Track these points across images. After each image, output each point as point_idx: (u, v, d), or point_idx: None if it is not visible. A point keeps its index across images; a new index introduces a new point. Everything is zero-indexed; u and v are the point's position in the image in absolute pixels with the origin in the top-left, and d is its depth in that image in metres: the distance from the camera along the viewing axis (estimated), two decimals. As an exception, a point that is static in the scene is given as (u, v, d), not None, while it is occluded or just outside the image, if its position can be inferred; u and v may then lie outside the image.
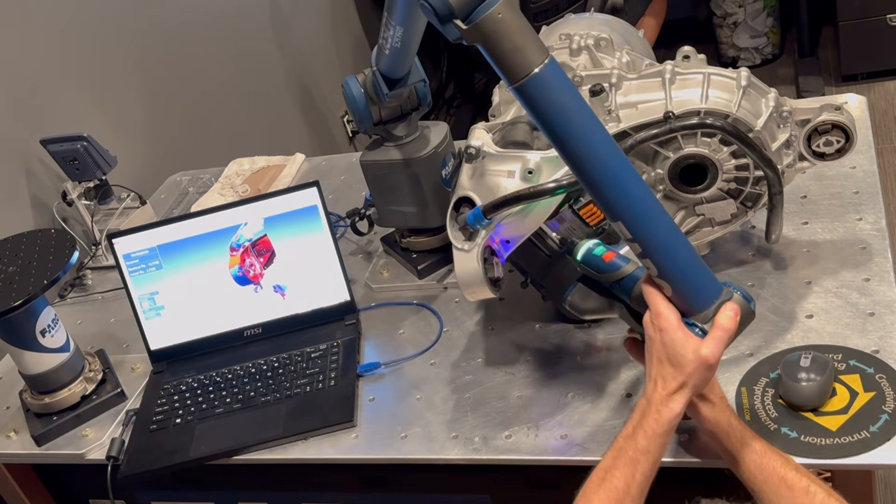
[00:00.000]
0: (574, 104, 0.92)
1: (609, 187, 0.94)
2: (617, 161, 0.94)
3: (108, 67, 2.11)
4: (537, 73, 0.90)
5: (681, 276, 0.97)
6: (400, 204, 1.51)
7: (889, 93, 3.15)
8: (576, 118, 0.92)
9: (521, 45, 0.89)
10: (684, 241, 0.97)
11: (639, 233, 0.95)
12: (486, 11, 0.87)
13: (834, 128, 1.20)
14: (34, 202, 1.86)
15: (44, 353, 1.40)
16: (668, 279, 0.97)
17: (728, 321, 0.96)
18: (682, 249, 0.97)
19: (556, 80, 0.91)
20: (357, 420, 1.30)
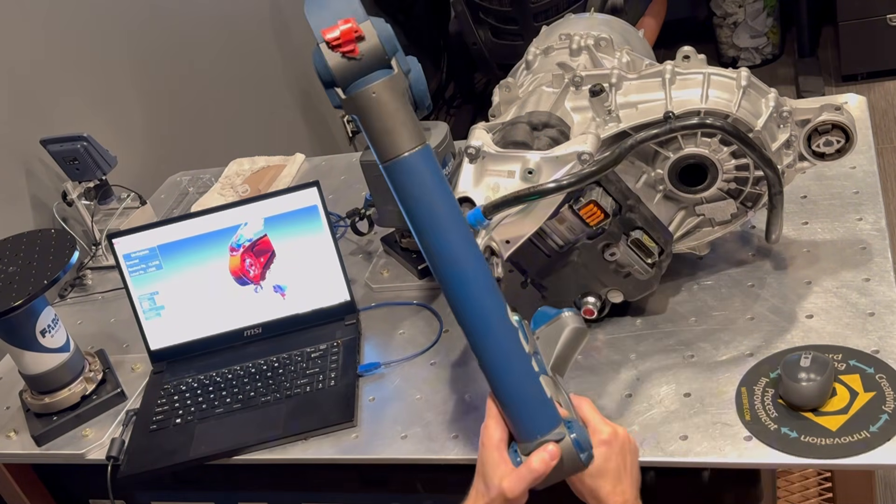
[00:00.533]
0: (435, 199, 0.94)
1: (454, 291, 0.95)
2: (466, 267, 0.94)
3: (108, 67, 2.11)
4: (403, 158, 0.91)
5: (507, 400, 0.96)
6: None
7: (889, 93, 3.15)
8: (432, 214, 0.93)
9: (390, 128, 0.91)
10: (524, 370, 0.95)
11: (475, 346, 0.96)
12: (361, 88, 0.90)
13: (834, 128, 1.20)
14: (34, 202, 1.86)
15: (44, 353, 1.40)
16: (498, 398, 0.97)
17: (538, 463, 0.93)
18: (517, 376, 0.95)
19: (420, 172, 0.92)
20: (357, 420, 1.30)
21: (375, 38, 0.90)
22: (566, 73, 1.26)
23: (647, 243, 1.24)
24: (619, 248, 1.24)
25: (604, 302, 1.30)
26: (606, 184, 1.20)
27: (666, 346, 1.26)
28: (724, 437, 1.10)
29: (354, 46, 0.89)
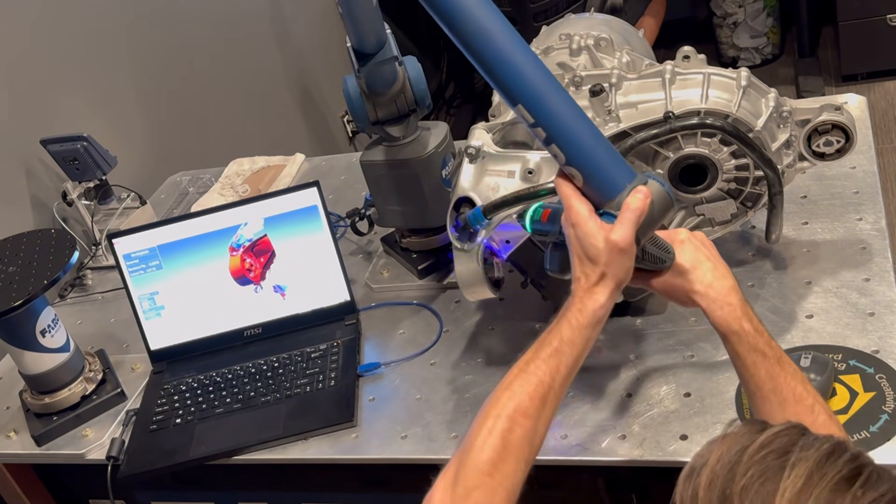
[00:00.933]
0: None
1: (503, 65, 0.91)
2: (509, 35, 0.90)
3: (108, 67, 2.11)
4: None
5: (587, 160, 0.93)
6: (400, 204, 1.51)
7: (889, 93, 3.15)
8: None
9: None
10: (590, 124, 0.93)
11: (540, 114, 0.91)
12: None
13: (834, 128, 1.20)
14: (34, 202, 1.86)
15: (44, 353, 1.40)
16: (575, 163, 0.93)
17: (636, 202, 0.92)
18: (588, 131, 0.93)
19: None
20: (357, 420, 1.30)
21: None
22: (566, 73, 1.26)
23: (647, 243, 1.24)
24: (619, 248, 1.24)
25: (604, 302, 1.30)
26: (606, 184, 1.20)
27: (666, 346, 1.26)
28: (724, 437, 1.10)
29: None
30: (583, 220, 0.94)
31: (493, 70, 0.92)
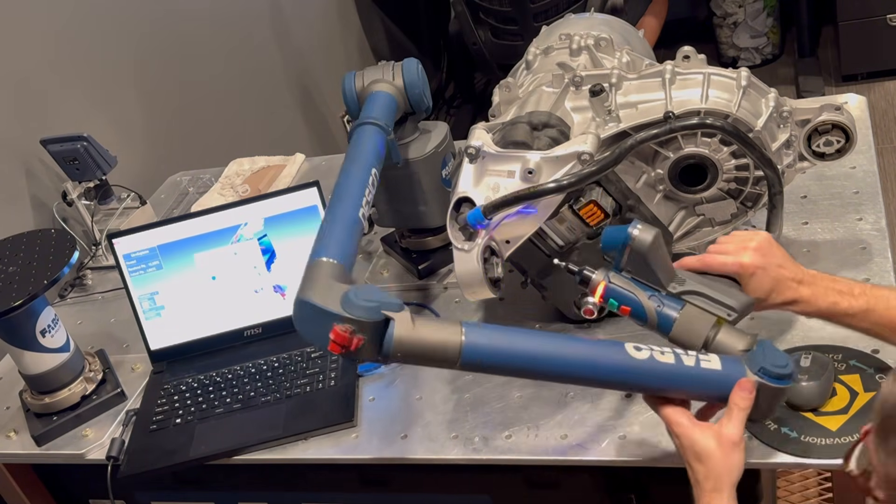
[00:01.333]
0: (512, 337, 0.98)
1: (598, 373, 0.98)
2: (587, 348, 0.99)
3: (108, 67, 2.11)
4: (464, 346, 0.94)
5: (693, 395, 1.00)
6: (400, 204, 1.51)
7: (889, 93, 3.15)
8: (525, 344, 0.98)
9: (438, 342, 0.94)
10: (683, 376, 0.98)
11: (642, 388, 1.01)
12: (391, 344, 0.94)
13: (834, 128, 1.20)
14: (34, 202, 1.86)
15: (44, 353, 1.40)
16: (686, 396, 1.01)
17: (742, 401, 0.96)
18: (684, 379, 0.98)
19: (484, 338, 0.96)
20: (357, 420, 1.30)
21: (364, 320, 0.93)
22: (566, 73, 1.26)
23: (648, 243, 1.24)
24: (620, 248, 1.24)
25: (604, 302, 1.30)
26: (606, 184, 1.20)
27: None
28: (724, 437, 1.10)
29: (355, 338, 0.93)
30: (686, 430, 0.97)
31: (593, 378, 1.00)
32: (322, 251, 1.06)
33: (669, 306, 1.02)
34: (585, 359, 0.97)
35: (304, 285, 1.00)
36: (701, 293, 1.02)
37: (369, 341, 0.94)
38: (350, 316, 0.93)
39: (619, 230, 1.03)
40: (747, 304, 1.03)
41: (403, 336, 0.93)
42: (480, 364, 0.96)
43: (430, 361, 0.96)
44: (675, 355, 0.97)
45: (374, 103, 1.36)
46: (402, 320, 0.93)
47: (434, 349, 0.94)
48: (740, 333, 1.01)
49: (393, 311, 0.94)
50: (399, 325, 0.93)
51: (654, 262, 1.02)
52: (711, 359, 0.98)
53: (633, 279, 1.04)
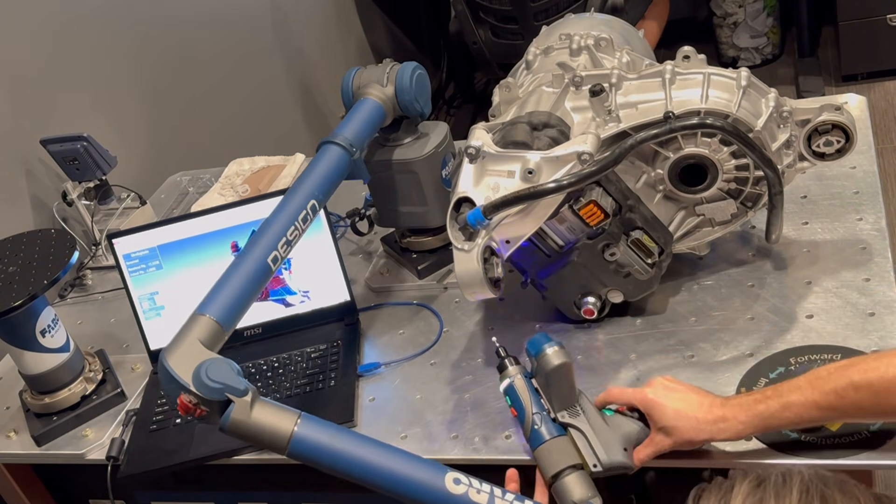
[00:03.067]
0: (343, 441, 1.01)
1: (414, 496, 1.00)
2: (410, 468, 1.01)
3: (108, 67, 2.11)
4: (294, 437, 0.99)
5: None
6: (400, 204, 1.51)
7: (889, 93, 3.15)
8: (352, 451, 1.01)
9: (267, 435, 0.99)
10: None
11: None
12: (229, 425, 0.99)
13: (834, 128, 1.20)
14: (34, 202, 1.86)
15: (44, 353, 1.40)
16: None
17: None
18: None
19: (315, 438, 1.00)
20: (357, 420, 1.30)
21: (206, 398, 0.99)
22: (566, 73, 1.26)
23: (647, 243, 1.24)
24: (619, 248, 1.24)
25: (604, 302, 1.30)
26: (606, 184, 1.20)
27: (666, 346, 1.26)
28: (724, 437, 1.10)
29: (198, 409, 1.00)
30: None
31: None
32: (206, 306, 1.09)
33: (546, 429, 1.07)
34: (404, 479, 1.00)
35: (172, 343, 1.05)
36: (583, 433, 1.06)
37: (213, 413, 1.00)
38: (195, 391, 0.99)
39: (542, 340, 1.09)
40: (619, 464, 1.04)
41: (239, 420, 0.99)
42: (306, 458, 1.00)
43: (261, 444, 1.00)
44: (490, 496, 0.99)
45: (352, 115, 1.38)
46: (241, 406, 0.99)
47: (265, 435, 0.99)
48: (588, 486, 1.03)
49: (236, 395, 0.99)
50: (237, 409, 0.99)
51: (553, 385, 1.08)
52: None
53: (535, 390, 1.09)
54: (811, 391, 0.94)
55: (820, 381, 0.94)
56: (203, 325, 1.07)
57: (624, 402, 1.09)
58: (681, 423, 1.02)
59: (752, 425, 0.99)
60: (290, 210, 1.21)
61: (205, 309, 1.09)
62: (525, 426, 1.08)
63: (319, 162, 1.29)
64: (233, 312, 1.11)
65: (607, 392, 1.11)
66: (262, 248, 1.16)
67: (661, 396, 1.04)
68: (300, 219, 1.20)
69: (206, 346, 1.05)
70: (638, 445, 1.06)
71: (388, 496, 1.01)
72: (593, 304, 1.30)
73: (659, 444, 1.04)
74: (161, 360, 1.03)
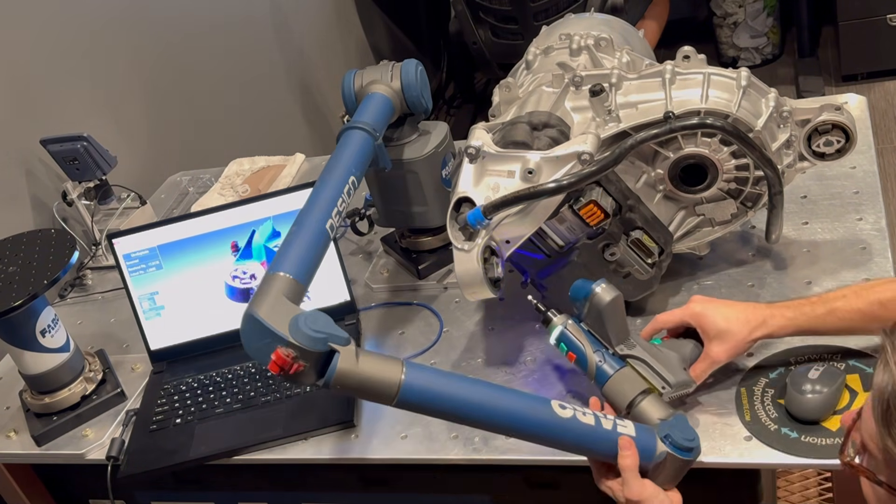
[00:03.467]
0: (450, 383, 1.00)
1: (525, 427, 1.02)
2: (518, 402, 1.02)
3: (109, 67, 2.11)
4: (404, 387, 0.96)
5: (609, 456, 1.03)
6: (400, 204, 1.51)
7: (889, 93, 3.15)
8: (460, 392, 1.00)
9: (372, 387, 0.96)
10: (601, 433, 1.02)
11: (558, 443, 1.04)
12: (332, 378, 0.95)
13: (834, 128, 1.20)
14: (34, 202, 1.86)
15: (44, 353, 1.40)
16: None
17: (623, 459, 1.01)
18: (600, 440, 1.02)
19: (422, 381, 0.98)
20: (357, 420, 1.30)
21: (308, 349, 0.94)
22: (566, 73, 1.26)
23: (647, 243, 1.24)
24: (619, 248, 1.24)
25: (604, 302, 1.30)
26: (606, 184, 1.20)
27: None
28: (724, 437, 1.10)
29: (295, 364, 0.94)
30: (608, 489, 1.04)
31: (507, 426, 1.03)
32: (280, 265, 1.06)
33: (610, 364, 1.10)
34: (514, 412, 1.01)
35: (256, 299, 1.00)
36: (644, 360, 1.10)
37: (310, 369, 0.95)
38: (295, 342, 0.93)
39: (586, 283, 1.11)
40: (684, 382, 1.09)
41: (346, 370, 0.94)
42: (416, 405, 0.98)
43: (367, 396, 0.98)
44: (595, 418, 1.03)
45: (367, 106, 1.37)
46: (347, 354, 0.95)
47: (373, 385, 0.96)
48: (664, 406, 1.07)
49: (339, 344, 0.95)
50: (343, 358, 0.94)
51: (608, 321, 1.10)
52: (628, 425, 1.04)
53: (588, 332, 1.12)
54: (856, 299, 1.05)
55: (866, 290, 1.05)
56: (283, 282, 1.03)
57: (673, 324, 1.14)
58: (732, 325, 1.08)
59: (796, 322, 1.07)
60: (335, 183, 1.19)
61: (279, 268, 1.05)
62: (589, 366, 1.11)
63: (347, 145, 1.27)
64: (306, 268, 1.07)
65: (654, 320, 1.15)
66: (318, 213, 1.14)
67: (708, 308, 1.10)
68: (345, 192, 1.19)
69: (292, 302, 1.01)
70: (693, 364, 1.11)
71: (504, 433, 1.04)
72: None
73: (713, 356, 1.10)
74: (248, 315, 0.98)
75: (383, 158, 1.36)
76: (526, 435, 1.03)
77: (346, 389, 0.96)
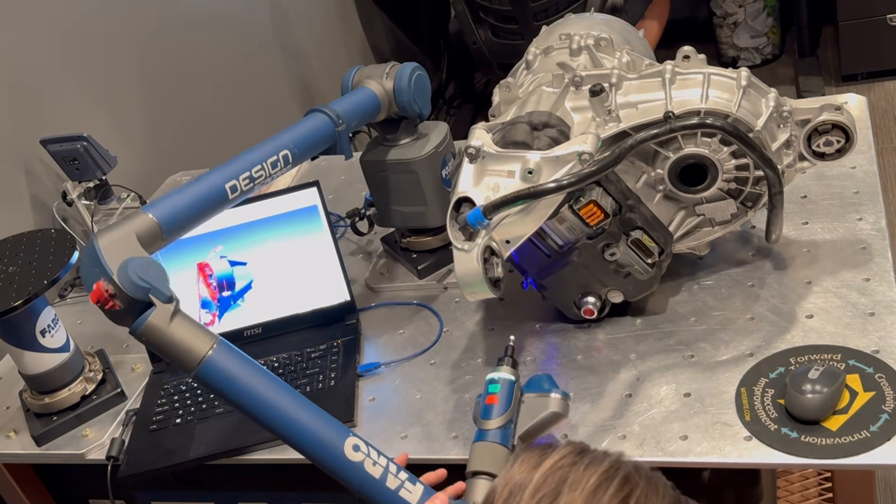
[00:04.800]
0: (253, 378, 0.99)
1: (310, 449, 1.00)
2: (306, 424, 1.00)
3: (108, 67, 2.11)
4: (207, 360, 0.97)
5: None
6: (400, 204, 1.51)
7: (889, 93, 3.15)
8: (258, 391, 0.99)
9: (178, 347, 0.97)
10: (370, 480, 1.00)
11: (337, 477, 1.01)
12: (140, 328, 0.97)
13: (834, 128, 1.20)
14: (34, 202, 1.86)
15: (44, 353, 1.40)
16: None
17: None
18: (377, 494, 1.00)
19: (227, 362, 0.98)
20: (357, 420, 1.30)
21: (126, 292, 0.95)
22: (566, 72, 1.26)
23: (647, 243, 1.24)
24: (619, 248, 1.24)
25: (604, 302, 1.30)
26: (606, 184, 1.20)
27: (666, 346, 1.26)
28: (724, 437, 1.10)
29: (111, 301, 0.96)
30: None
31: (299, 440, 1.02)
32: (152, 207, 1.06)
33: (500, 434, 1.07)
34: (304, 430, 0.99)
35: (107, 228, 1.01)
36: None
37: (126, 312, 0.96)
38: (116, 281, 0.95)
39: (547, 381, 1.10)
40: None
41: (155, 326, 0.96)
42: (212, 385, 0.98)
43: (171, 358, 0.98)
44: (384, 472, 0.99)
45: (348, 97, 1.38)
46: (162, 312, 0.96)
47: (177, 350, 0.97)
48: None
49: (160, 299, 0.96)
50: (157, 314, 0.96)
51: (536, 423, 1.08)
52: (414, 492, 1.00)
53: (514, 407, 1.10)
54: None
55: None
56: (143, 222, 1.04)
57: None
58: None
59: None
60: (262, 151, 1.20)
61: (150, 209, 1.06)
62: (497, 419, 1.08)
63: (302, 123, 1.28)
64: (175, 220, 1.07)
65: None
66: (224, 173, 1.15)
67: None
68: (269, 162, 1.20)
69: (142, 244, 1.01)
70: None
71: (292, 447, 1.01)
72: (593, 304, 1.30)
73: None
74: (91, 240, 0.99)
75: (344, 148, 1.34)
76: (310, 457, 1.01)
77: (152, 344, 0.97)
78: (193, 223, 1.11)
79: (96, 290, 0.95)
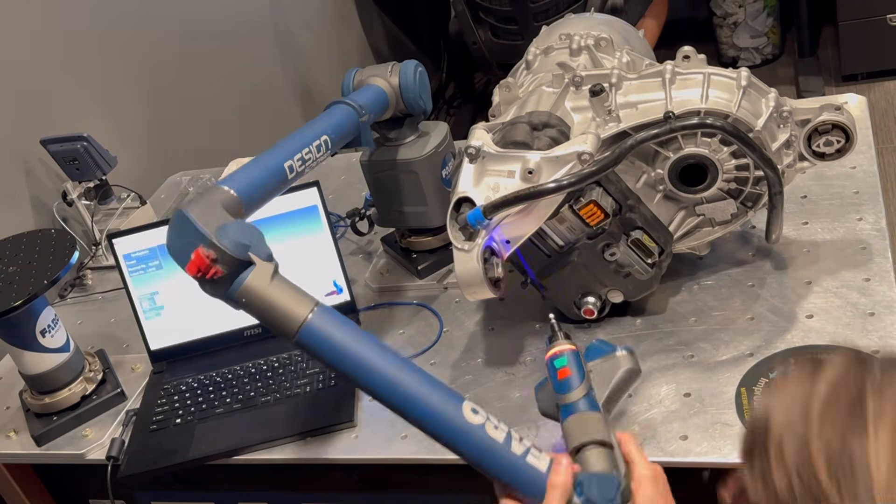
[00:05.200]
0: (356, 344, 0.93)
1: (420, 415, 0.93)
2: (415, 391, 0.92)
3: (109, 67, 2.11)
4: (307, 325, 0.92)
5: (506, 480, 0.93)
6: (400, 204, 1.51)
7: (889, 93, 3.15)
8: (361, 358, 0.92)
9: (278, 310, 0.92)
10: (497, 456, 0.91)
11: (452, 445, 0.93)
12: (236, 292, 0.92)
13: (834, 128, 1.20)
14: (34, 202, 1.86)
15: (44, 353, 1.40)
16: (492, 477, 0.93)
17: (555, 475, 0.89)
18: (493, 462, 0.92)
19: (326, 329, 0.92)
20: (357, 420, 1.30)
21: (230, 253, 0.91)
22: (566, 73, 1.26)
23: (647, 243, 1.24)
24: (619, 248, 1.24)
25: (604, 302, 1.30)
26: (606, 184, 1.20)
27: (666, 346, 1.26)
28: (724, 437, 1.10)
29: (214, 267, 0.91)
30: None
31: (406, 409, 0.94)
32: (227, 181, 1.03)
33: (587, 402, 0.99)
34: (414, 395, 0.92)
35: (192, 201, 0.97)
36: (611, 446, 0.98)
37: (227, 278, 0.91)
38: (217, 244, 0.90)
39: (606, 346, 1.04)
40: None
41: (254, 286, 0.91)
42: (314, 350, 0.93)
43: (269, 322, 0.93)
44: (507, 436, 0.91)
45: (361, 92, 1.38)
46: (262, 270, 0.91)
47: (277, 313, 0.92)
48: (610, 463, 0.94)
49: (260, 258, 0.92)
50: (257, 273, 0.91)
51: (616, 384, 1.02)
52: (542, 459, 0.92)
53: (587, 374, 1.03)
54: None
55: None
56: (224, 194, 1.00)
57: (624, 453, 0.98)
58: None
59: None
60: (305, 134, 1.18)
61: (225, 183, 1.02)
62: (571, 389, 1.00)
63: (330, 113, 1.27)
64: (251, 192, 1.04)
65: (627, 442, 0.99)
66: (281, 151, 1.13)
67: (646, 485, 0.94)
68: (314, 145, 1.18)
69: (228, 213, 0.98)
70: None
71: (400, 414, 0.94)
72: (593, 304, 1.30)
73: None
74: (177, 214, 0.94)
75: (366, 137, 1.33)
76: (422, 425, 0.93)
77: (250, 308, 0.92)
78: (265, 199, 1.08)
79: (195, 258, 0.90)
